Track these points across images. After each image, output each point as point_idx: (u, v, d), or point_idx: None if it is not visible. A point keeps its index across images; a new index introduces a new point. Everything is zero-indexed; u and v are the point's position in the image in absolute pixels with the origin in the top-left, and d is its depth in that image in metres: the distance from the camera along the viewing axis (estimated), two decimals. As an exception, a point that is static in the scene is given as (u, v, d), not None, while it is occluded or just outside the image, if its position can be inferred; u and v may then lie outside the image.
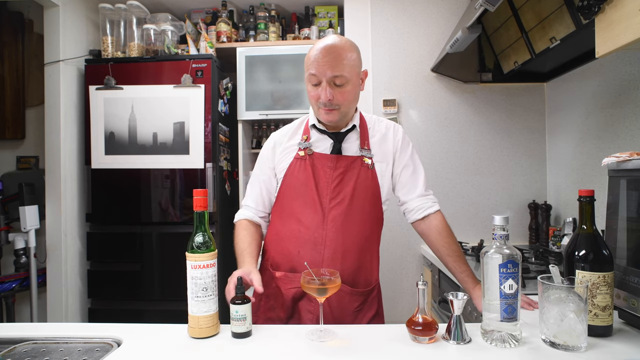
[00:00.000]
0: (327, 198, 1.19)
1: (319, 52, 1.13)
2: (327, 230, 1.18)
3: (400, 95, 2.49)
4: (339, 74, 1.12)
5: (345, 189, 1.20)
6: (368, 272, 1.24)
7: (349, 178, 1.21)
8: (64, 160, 2.36)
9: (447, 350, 0.88)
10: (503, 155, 2.46)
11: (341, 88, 1.14)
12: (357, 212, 1.20)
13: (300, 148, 1.24)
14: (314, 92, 1.16)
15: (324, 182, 1.20)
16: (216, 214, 2.38)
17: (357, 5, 2.51)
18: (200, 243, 0.96)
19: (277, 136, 1.32)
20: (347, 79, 1.14)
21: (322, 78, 1.13)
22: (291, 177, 1.23)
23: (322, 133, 1.25)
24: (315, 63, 1.13)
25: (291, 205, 1.23)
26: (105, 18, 2.43)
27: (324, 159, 1.22)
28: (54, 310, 2.34)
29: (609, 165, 1.04)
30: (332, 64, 1.11)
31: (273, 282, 1.24)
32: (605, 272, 0.92)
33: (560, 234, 2.07)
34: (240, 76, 2.52)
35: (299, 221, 1.20)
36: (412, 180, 1.28)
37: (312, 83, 1.16)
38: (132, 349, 0.93)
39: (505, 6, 1.95)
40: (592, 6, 1.18)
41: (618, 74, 1.76)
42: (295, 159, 1.24)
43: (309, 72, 1.15)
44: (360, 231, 1.21)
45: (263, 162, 1.32)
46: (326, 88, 1.13)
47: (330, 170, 1.21)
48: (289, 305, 1.20)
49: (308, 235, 1.18)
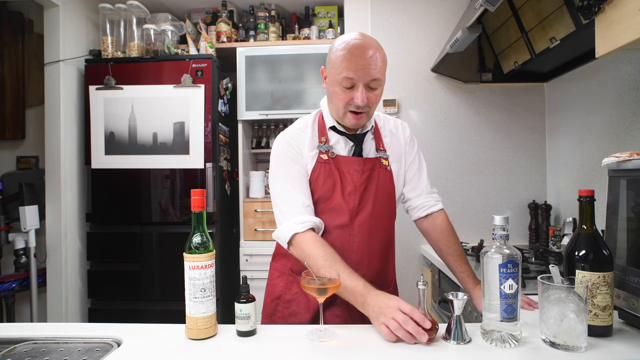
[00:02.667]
0: (354, 203, 1.15)
1: (354, 52, 1.05)
2: (353, 235, 1.14)
3: (400, 95, 2.49)
4: (376, 77, 1.06)
5: (369, 192, 1.16)
6: (389, 272, 1.24)
7: (372, 181, 1.17)
8: (64, 160, 2.36)
9: (447, 350, 0.88)
10: (503, 155, 2.46)
11: (375, 91, 1.09)
12: (380, 214, 1.17)
13: (322, 151, 1.16)
14: (344, 96, 1.08)
15: (352, 186, 1.15)
16: (216, 214, 2.38)
17: (357, 5, 2.51)
18: (198, 243, 0.96)
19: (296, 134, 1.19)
20: (382, 82, 1.09)
21: (359, 81, 1.06)
22: (317, 182, 1.15)
23: (341, 134, 1.19)
24: (353, 65, 1.04)
25: (317, 210, 1.16)
26: (105, 18, 2.43)
27: (350, 163, 1.16)
28: (54, 310, 2.34)
29: (609, 165, 1.04)
30: (373, 67, 1.05)
31: (294, 287, 1.20)
32: (605, 272, 0.92)
33: (560, 234, 2.06)
34: (240, 76, 2.52)
35: (325, 227, 1.15)
36: (417, 177, 1.27)
37: (345, 86, 1.07)
38: (132, 349, 0.93)
39: (505, 6, 1.94)
40: (592, 6, 1.18)
41: (618, 74, 1.76)
42: (319, 163, 1.15)
43: (343, 75, 1.05)
44: (382, 233, 1.19)
45: (295, 161, 1.15)
46: (362, 91, 1.06)
47: (357, 174, 1.15)
48: (316, 310, 1.14)
49: (334, 241, 1.12)
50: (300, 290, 1.18)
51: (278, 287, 1.24)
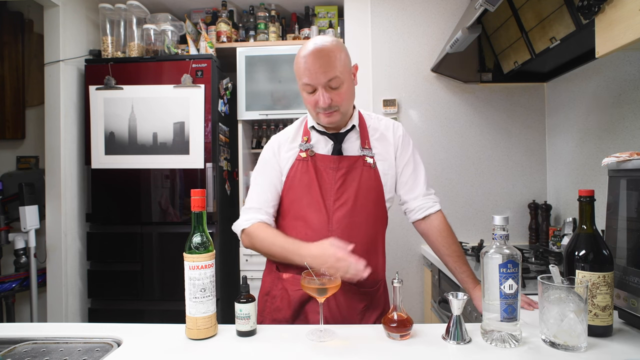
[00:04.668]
0: (331, 200, 1.19)
1: (307, 59, 1.10)
2: (332, 232, 1.17)
3: (400, 95, 2.49)
4: (333, 77, 1.10)
5: (348, 190, 1.19)
6: (374, 272, 1.24)
7: (352, 178, 1.20)
8: (64, 160, 2.36)
9: (447, 350, 0.88)
10: (503, 155, 2.46)
11: (338, 90, 1.12)
12: (362, 212, 1.20)
13: (302, 150, 1.22)
14: (310, 99, 1.14)
15: (328, 183, 1.19)
16: (216, 214, 2.38)
17: (357, 5, 2.51)
18: (198, 244, 0.96)
19: (281, 138, 1.29)
20: (342, 80, 1.12)
21: (317, 85, 1.11)
22: (294, 179, 1.21)
23: (322, 134, 1.24)
24: (306, 72, 1.10)
25: (296, 207, 1.21)
26: (105, 18, 2.43)
27: (326, 160, 1.21)
28: (54, 310, 2.34)
29: (609, 165, 1.04)
30: (324, 69, 1.09)
31: (279, 283, 1.23)
32: (605, 272, 0.92)
33: (560, 234, 2.06)
34: (240, 76, 2.52)
35: (305, 223, 1.19)
36: (413, 178, 1.28)
37: (307, 91, 1.14)
38: (132, 349, 0.93)
39: (505, 6, 1.95)
40: (592, 6, 1.18)
41: (618, 74, 1.76)
42: (297, 161, 1.22)
43: (302, 81, 1.12)
44: (365, 231, 1.21)
45: (267, 164, 1.26)
46: (323, 93, 1.11)
47: (332, 172, 1.20)
48: (296, 306, 1.19)
49: (314, 237, 1.16)
50: (283, 286, 1.22)
51: (267, 283, 1.28)
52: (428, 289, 2.36)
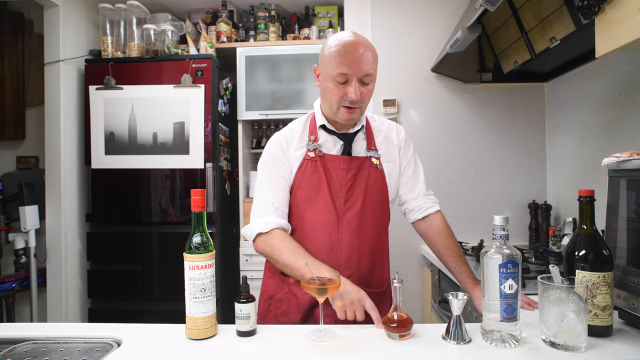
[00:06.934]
0: (341, 200, 1.17)
1: (349, 49, 1.08)
2: (342, 233, 1.16)
3: (400, 95, 2.49)
4: (369, 72, 1.10)
5: (357, 191, 1.18)
6: (381, 272, 1.24)
7: (361, 179, 1.19)
8: (64, 160, 2.36)
9: (447, 350, 0.88)
10: (503, 155, 2.46)
11: (368, 86, 1.13)
12: (370, 213, 1.19)
13: (310, 149, 1.19)
14: (338, 90, 1.11)
15: (338, 184, 1.18)
16: (216, 214, 2.38)
17: (357, 5, 2.51)
18: (198, 244, 0.96)
19: (288, 135, 1.23)
20: (372, 78, 1.13)
21: (353, 76, 1.09)
22: (303, 179, 1.19)
23: (331, 134, 1.22)
24: (346, 60, 1.08)
25: (304, 208, 1.19)
26: (105, 18, 2.43)
27: (336, 161, 1.19)
28: (54, 310, 2.34)
29: (609, 165, 1.04)
30: (366, 62, 1.09)
31: (285, 287, 1.21)
32: (605, 272, 0.92)
33: (560, 234, 2.06)
34: (240, 76, 2.52)
35: (313, 225, 1.18)
36: (413, 179, 1.28)
37: (340, 81, 1.10)
38: (132, 349, 0.93)
39: (505, 6, 1.94)
40: (592, 6, 1.18)
41: (618, 74, 1.76)
42: (306, 160, 1.19)
43: (338, 71, 1.08)
44: (373, 232, 1.20)
45: (278, 162, 1.20)
46: (357, 86, 1.09)
47: (343, 172, 1.18)
48: (306, 309, 1.17)
49: (323, 238, 1.16)
50: (290, 289, 1.19)
51: (270, 287, 1.25)
52: (428, 289, 2.36)
